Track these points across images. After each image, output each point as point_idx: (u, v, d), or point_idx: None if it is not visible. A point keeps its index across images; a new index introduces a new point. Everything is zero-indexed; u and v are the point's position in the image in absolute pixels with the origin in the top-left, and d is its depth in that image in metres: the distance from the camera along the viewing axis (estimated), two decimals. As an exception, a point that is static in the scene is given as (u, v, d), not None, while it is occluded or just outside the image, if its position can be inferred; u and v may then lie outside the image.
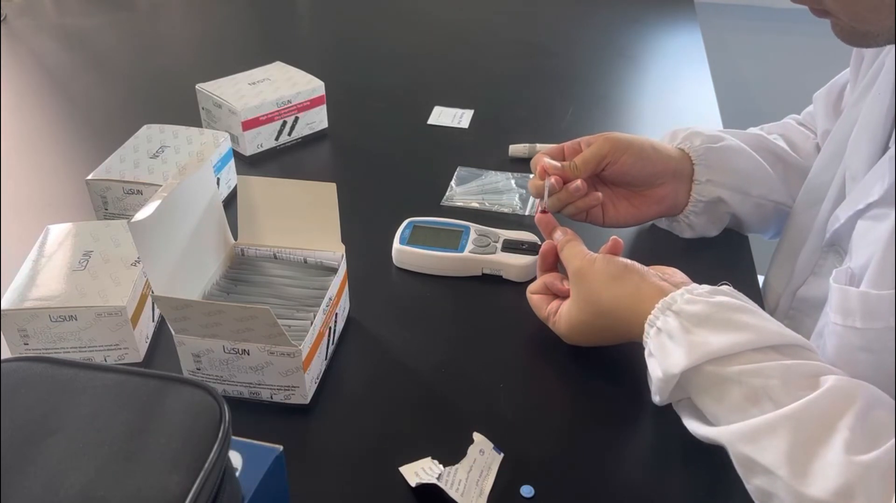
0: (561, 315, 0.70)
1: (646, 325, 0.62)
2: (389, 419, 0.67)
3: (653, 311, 0.61)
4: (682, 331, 0.58)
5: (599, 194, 0.80)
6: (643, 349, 0.63)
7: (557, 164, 0.78)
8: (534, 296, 0.74)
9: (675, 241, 0.88)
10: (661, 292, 0.62)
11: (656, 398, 0.62)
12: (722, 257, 0.87)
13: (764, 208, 0.85)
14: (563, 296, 0.72)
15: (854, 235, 0.65)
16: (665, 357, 0.59)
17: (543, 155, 0.79)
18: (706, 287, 0.62)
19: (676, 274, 0.67)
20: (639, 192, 0.82)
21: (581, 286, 0.68)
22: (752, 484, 0.54)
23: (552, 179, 0.76)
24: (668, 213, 0.85)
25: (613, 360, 0.71)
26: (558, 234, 0.74)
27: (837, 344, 0.60)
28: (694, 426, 0.59)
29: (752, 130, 0.92)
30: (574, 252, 0.71)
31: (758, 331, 0.57)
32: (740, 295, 0.61)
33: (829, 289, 0.63)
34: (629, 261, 0.67)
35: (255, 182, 0.73)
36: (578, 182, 0.78)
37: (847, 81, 0.83)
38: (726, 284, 0.62)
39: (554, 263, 0.75)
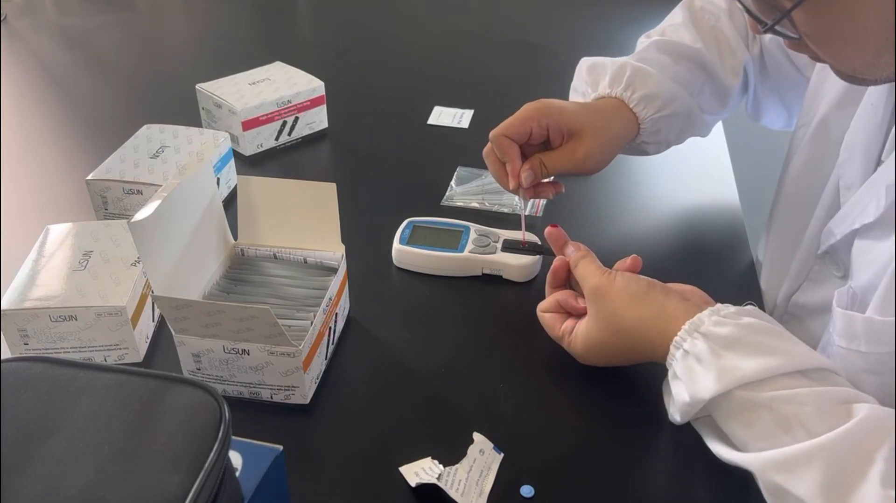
0: (577, 335, 0.68)
1: (671, 347, 0.60)
2: (389, 419, 0.67)
3: (679, 333, 0.59)
4: (711, 354, 0.57)
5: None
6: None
7: (530, 174, 0.77)
8: (545, 315, 0.72)
9: (676, 246, 0.88)
10: (687, 313, 0.60)
11: (676, 418, 0.61)
12: (722, 257, 0.87)
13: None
14: (577, 314, 0.70)
15: (853, 253, 0.66)
16: (693, 381, 0.57)
17: (510, 147, 0.77)
18: (732, 307, 0.60)
19: (696, 294, 0.65)
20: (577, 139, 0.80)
21: (600, 305, 0.66)
22: None
23: (527, 195, 0.80)
24: (618, 143, 0.83)
25: (613, 360, 0.71)
26: (570, 250, 0.72)
27: (842, 366, 0.59)
28: (719, 449, 0.58)
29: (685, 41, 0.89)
30: (590, 269, 0.68)
31: (789, 355, 0.55)
32: (766, 315, 0.60)
33: (833, 313, 0.63)
34: (650, 279, 0.66)
35: (255, 182, 0.73)
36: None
37: None
38: (751, 304, 0.61)
39: (565, 280, 0.73)
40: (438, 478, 0.59)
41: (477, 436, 0.63)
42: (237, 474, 0.49)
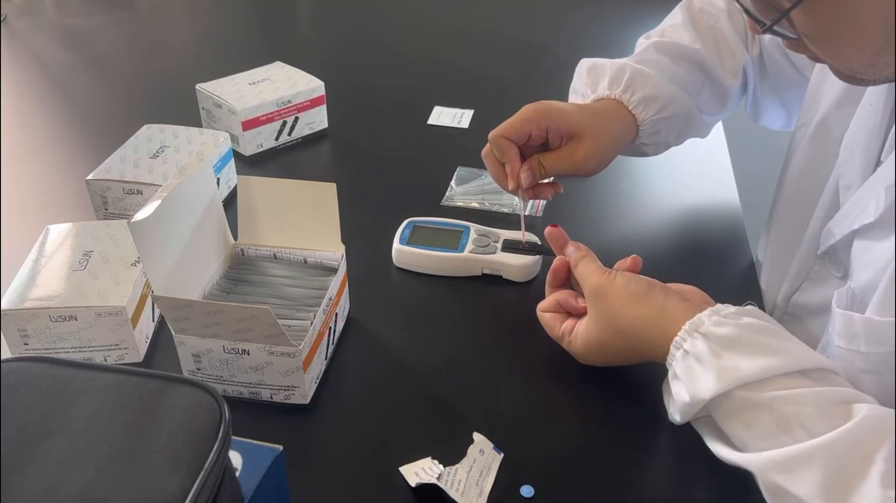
0: (577, 335, 0.68)
1: (671, 347, 0.60)
2: (389, 419, 0.67)
3: (679, 333, 0.59)
4: (711, 354, 0.57)
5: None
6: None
7: (529, 175, 0.77)
8: (545, 315, 0.72)
9: (676, 246, 0.88)
10: (687, 313, 0.60)
11: (676, 418, 0.61)
12: (722, 257, 0.87)
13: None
14: (577, 314, 0.70)
15: (853, 254, 0.66)
16: (693, 381, 0.57)
17: (509, 149, 0.78)
18: (732, 307, 0.60)
19: (696, 294, 0.65)
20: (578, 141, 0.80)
21: (600, 305, 0.66)
22: None
23: (526, 196, 0.80)
24: (617, 144, 0.83)
25: (613, 360, 0.71)
26: (570, 250, 0.72)
27: (842, 366, 0.59)
28: (719, 449, 0.58)
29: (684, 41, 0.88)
30: (590, 269, 0.68)
31: (788, 355, 0.55)
32: (766, 315, 0.60)
33: (832, 314, 0.63)
34: (651, 279, 0.66)
35: (255, 182, 0.73)
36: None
37: None
38: (751, 304, 0.61)
39: (565, 280, 0.73)
40: (438, 478, 0.59)
41: (477, 436, 0.63)
42: (237, 474, 0.49)
